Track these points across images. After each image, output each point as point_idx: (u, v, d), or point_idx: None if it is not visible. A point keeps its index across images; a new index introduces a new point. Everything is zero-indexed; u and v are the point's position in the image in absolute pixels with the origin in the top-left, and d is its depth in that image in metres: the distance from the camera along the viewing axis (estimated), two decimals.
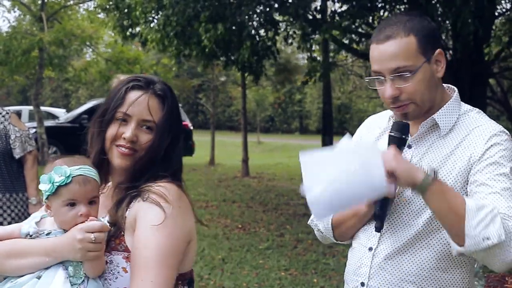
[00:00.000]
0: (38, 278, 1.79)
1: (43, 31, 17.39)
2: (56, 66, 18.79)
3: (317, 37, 12.69)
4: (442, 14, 9.03)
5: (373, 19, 10.78)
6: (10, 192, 4.94)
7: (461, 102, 2.21)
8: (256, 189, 14.80)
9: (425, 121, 2.14)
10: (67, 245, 1.77)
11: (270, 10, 10.79)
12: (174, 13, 10.02)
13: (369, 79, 2.17)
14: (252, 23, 10.42)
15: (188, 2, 9.73)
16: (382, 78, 2.09)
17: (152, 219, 1.82)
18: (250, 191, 14.31)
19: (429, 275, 2.10)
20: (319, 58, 14.85)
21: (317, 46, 12.72)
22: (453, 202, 1.90)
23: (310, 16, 11.04)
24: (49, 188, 1.79)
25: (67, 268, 1.79)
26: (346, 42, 11.66)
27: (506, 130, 2.13)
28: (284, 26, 12.19)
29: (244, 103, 18.14)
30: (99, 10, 15.15)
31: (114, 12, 12.19)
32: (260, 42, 11.43)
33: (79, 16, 19.94)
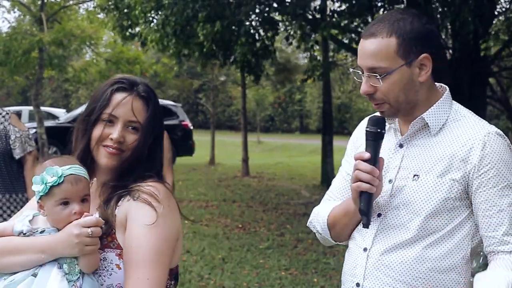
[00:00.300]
0: (34, 275, 1.81)
1: (43, 32, 17.39)
2: (56, 66, 18.78)
3: (316, 36, 12.71)
4: (441, 13, 9.03)
5: (372, 19, 10.78)
6: (10, 192, 4.93)
7: (452, 101, 2.21)
8: (256, 188, 14.81)
9: (415, 121, 2.14)
10: (64, 241, 1.80)
11: (269, 10, 10.79)
12: (173, 13, 10.02)
13: (353, 71, 2.20)
14: (250, 21, 10.40)
15: (187, 2, 9.73)
16: (361, 73, 2.12)
17: (144, 219, 1.87)
18: (250, 191, 14.32)
19: (423, 276, 2.09)
20: (319, 58, 14.86)
21: (317, 46, 12.70)
22: None
23: (309, 15, 11.04)
24: (42, 188, 1.82)
25: (62, 265, 1.82)
26: (345, 41, 11.67)
27: (498, 129, 2.12)
28: (283, 26, 12.18)
29: (244, 103, 18.14)
30: (99, 10, 15.15)
31: (114, 12, 12.19)
32: (258, 42, 11.43)
33: (79, 16, 19.93)
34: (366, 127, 2.11)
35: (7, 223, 1.92)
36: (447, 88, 2.24)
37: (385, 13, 2.20)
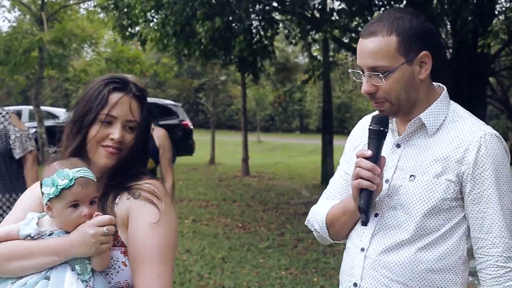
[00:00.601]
0: (47, 278, 1.81)
1: (43, 31, 17.39)
2: (56, 66, 18.79)
3: (317, 36, 12.69)
4: (441, 12, 9.02)
5: (371, 18, 10.77)
6: (10, 192, 4.93)
7: (450, 101, 2.20)
8: (256, 188, 14.81)
9: (412, 121, 2.14)
10: (79, 242, 1.81)
11: (269, 10, 10.78)
12: (173, 12, 10.02)
13: (352, 71, 2.19)
14: (249, 18, 10.37)
15: (187, 1, 9.72)
16: (361, 73, 2.12)
17: (148, 217, 1.92)
18: (250, 190, 14.32)
19: (420, 277, 2.09)
20: (320, 57, 14.85)
21: (316, 46, 12.70)
22: None
23: (308, 14, 11.03)
24: (53, 191, 1.82)
25: (74, 267, 1.83)
26: (346, 41, 11.65)
27: (494, 131, 2.12)
28: (283, 25, 12.17)
29: (244, 102, 18.13)
30: (99, 9, 15.14)
31: (114, 11, 12.18)
32: (257, 42, 11.43)
33: (79, 16, 19.93)
34: (370, 125, 2.11)
35: (10, 227, 1.91)
36: (445, 88, 2.23)
37: (383, 12, 2.19)
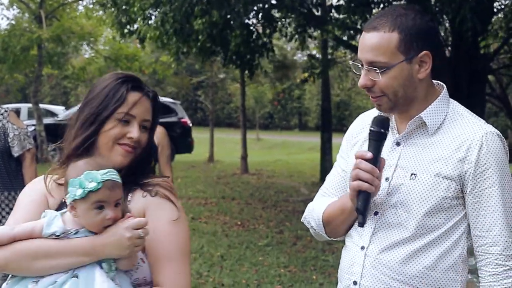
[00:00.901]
0: (75, 277, 1.81)
1: (42, 29, 17.37)
2: (54, 64, 18.77)
3: (315, 33, 12.67)
4: (440, 10, 9.01)
5: (370, 15, 10.76)
6: (8, 190, 4.93)
7: (449, 99, 2.20)
8: (255, 186, 14.81)
9: (412, 120, 2.14)
10: (114, 243, 1.81)
11: (269, 7, 10.77)
12: (172, 9, 10.00)
13: (352, 64, 2.20)
14: (247, 13, 10.35)
15: None
16: (360, 66, 2.12)
17: (169, 215, 1.96)
18: (249, 188, 14.32)
19: (421, 275, 2.10)
20: (318, 56, 14.84)
21: (315, 43, 12.70)
22: None
23: (305, 10, 11.01)
24: (80, 193, 1.80)
25: (101, 265, 1.83)
26: (344, 38, 11.64)
27: (495, 129, 2.12)
28: (281, 22, 12.16)
29: (243, 100, 18.12)
30: (97, 6, 15.11)
31: (112, 8, 12.16)
32: (255, 40, 11.42)
33: (78, 13, 19.90)
34: (371, 126, 2.11)
35: (34, 224, 1.86)
36: (445, 86, 2.23)
37: (388, 7, 2.18)
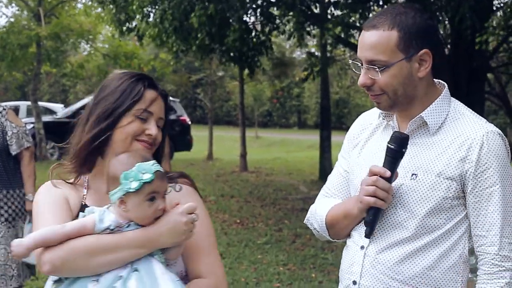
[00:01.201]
0: (136, 271, 1.80)
1: (41, 27, 17.34)
2: (53, 61, 18.74)
3: (315, 32, 12.65)
4: (440, 8, 8.99)
5: (369, 13, 10.73)
6: (7, 188, 4.93)
7: (451, 98, 2.19)
8: (254, 184, 14.79)
9: (413, 119, 2.13)
10: (171, 231, 1.82)
11: (267, 4, 10.75)
12: (170, 7, 9.98)
13: (351, 63, 2.19)
14: (244, 8, 10.32)
15: None
16: (360, 65, 2.11)
17: (199, 207, 1.95)
18: (248, 186, 14.30)
19: (421, 275, 2.09)
20: (317, 53, 14.81)
21: (313, 41, 12.69)
22: None
23: (304, 7, 10.98)
24: (136, 185, 1.80)
25: (154, 257, 1.85)
26: (343, 36, 11.61)
27: (496, 128, 2.11)
28: (280, 20, 12.14)
29: (241, 98, 18.09)
30: (96, 4, 15.08)
31: (111, 6, 12.14)
32: (254, 37, 11.41)
33: (77, 11, 19.86)
34: (389, 143, 2.07)
35: (85, 220, 1.84)
36: (446, 85, 2.22)
37: (387, 6, 2.18)
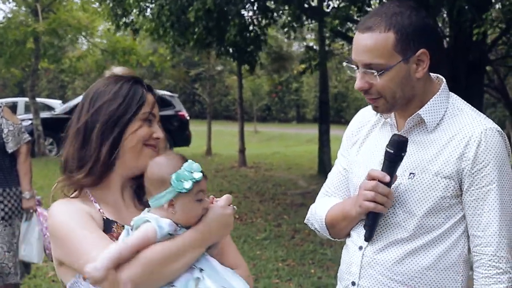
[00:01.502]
0: (202, 270, 1.80)
1: (38, 22, 17.29)
2: (51, 57, 18.70)
3: (313, 25, 12.61)
4: (437, 1, 8.95)
5: (368, 6, 10.67)
6: (3, 186, 4.90)
7: (449, 94, 2.15)
8: (253, 179, 14.77)
9: (411, 117, 2.10)
10: (219, 226, 1.84)
11: None
12: (168, 2, 9.94)
13: (346, 65, 2.13)
14: (242, 1, 10.28)
15: None
16: (356, 68, 2.06)
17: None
18: (247, 181, 14.28)
19: (419, 275, 2.06)
20: (316, 47, 14.77)
21: (312, 35, 12.65)
22: None
23: (305, 3, 10.95)
24: (190, 186, 1.78)
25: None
26: (341, 29, 11.57)
27: (495, 125, 2.07)
28: (277, 14, 12.12)
29: (240, 93, 18.06)
30: None
31: (107, 0, 12.11)
32: (251, 31, 11.37)
33: (74, 6, 19.80)
34: (387, 147, 2.04)
35: (141, 233, 1.75)
36: (444, 80, 2.18)
37: (381, 5, 2.11)
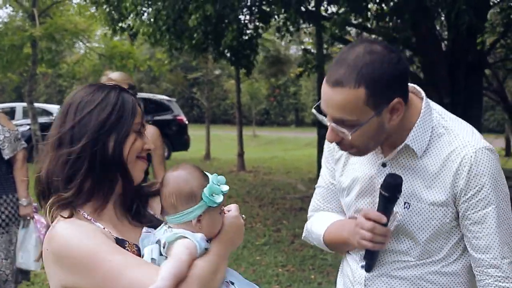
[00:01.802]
0: (232, 282, 1.86)
1: (35, 27, 17.25)
2: (48, 62, 18.67)
3: (311, 29, 12.60)
4: (436, 4, 8.93)
5: (367, 9, 10.64)
6: None
7: (431, 111, 2.04)
8: (252, 183, 14.73)
9: (399, 148, 2.01)
10: (235, 236, 1.86)
11: (260, 2, 10.71)
12: (165, 6, 9.92)
13: (315, 113, 2.04)
14: (240, 5, 10.25)
15: None
16: (325, 118, 1.98)
17: None
18: (246, 186, 14.24)
19: (427, 278, 2.06)
20: (313, 50, 14.77)
21: (309, 39, 12.64)
22: None
23: (298, 4, 10.93)
24: (221, 199, 1.75)
25: None
26: (338, 33, 11.56)
27: (484, 143, 1.98)
28: (274, 18, 12.11)
29: (238, 97, 18.04)
30: (90, 3, 15.02)
31: (104, 6, 12.08)
32: (247, 35, 11.37)
33: (72, 10, 19.78)
34: (382, 190, 1.97)
35: (183, 252, 1.69)
36: (423, 94, 2.06)
37: (351, 48, 1.93)
